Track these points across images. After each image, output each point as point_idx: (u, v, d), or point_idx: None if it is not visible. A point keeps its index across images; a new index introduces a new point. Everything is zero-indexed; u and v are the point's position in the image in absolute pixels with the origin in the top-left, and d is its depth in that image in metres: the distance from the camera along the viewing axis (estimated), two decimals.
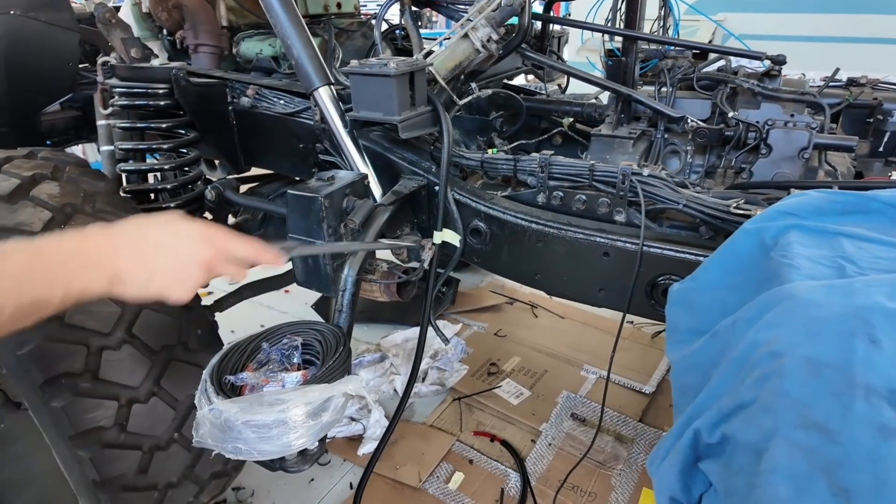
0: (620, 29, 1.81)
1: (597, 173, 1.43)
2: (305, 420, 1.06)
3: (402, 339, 2.75)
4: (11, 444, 1.01)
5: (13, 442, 1.01)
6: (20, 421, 1.05)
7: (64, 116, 2.39)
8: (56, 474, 1.11)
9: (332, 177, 1.42)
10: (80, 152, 3.71)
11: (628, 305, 1.39)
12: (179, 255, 0.80)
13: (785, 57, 1.63)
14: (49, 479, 1.08)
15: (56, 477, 1.11)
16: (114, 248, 0.75)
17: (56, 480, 1.10)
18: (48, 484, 1.08)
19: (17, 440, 1.03)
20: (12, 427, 1.02)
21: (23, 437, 1.04)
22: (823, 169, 1.60)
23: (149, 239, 0.79)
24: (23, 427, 1.05)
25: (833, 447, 0.51)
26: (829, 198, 0.90)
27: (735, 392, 0.60)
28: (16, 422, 1.03)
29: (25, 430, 1.06)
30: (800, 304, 0.61)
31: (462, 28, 1.56)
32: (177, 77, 1.79)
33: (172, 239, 0.81)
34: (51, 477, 1.09)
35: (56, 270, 0.68)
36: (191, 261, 0.81)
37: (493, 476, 2.07)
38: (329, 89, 1.55)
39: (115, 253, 0.74)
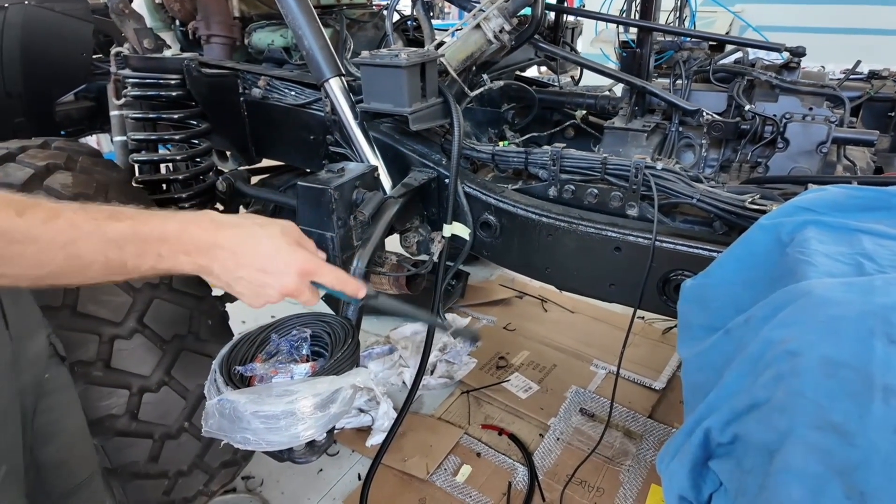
0: (635, 20, 1.78)
1: (609, 167, 1.41)
2: (314, 411, 1.06)
3: (411, 332, 2.76)
4: (49, 395, 1.07)
5: (51, 393, 1.08)
6: (61, 376, 1.12)
7: (78, 107, 2.41)
8: (80, 433, 1.17)
9: (342, 168, 1.41)
10: (94, 143, 3.74)
11: (640, 301, 1.38)
12: (270, 272, 0.83)
13: (804, 49, 1.60)
14: (74, 436, 1.15)
15: (79, 436, 1.17)
16: (213, 241, 0.78)
17: (78, 439, 1.17)
18: (72, 441, 1.14)
19: (55, 392, 1.09)
20: (54, 379, 1.09)
21: (60, 392, 1.11)
22: (842, 164, 1.56)
23: (252, 249, 0.81)
24: (62, 382, 1.12)
25: (849, 449, 0.50)
26: (848, 193, 0.88)
27: (748, 391, 0.59)
28: (58, 376, 1.10)
29: (64, 385, 1.13)
30: (817, 302, 0.60)
31: (474, 18, 1.54)
32: (189, 68, 1.79)
33: (272, 259, 0.84)
34: (76, 435, 1.16)
35: (150, 245, 0.72)
36: (278, 282, 0.84)
37: (500, 469, 2.07)
38: (340, 80, 1.55)
39: (212, 250, 0.78)
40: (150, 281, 1.41)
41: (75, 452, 1.15)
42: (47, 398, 1.07)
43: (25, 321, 1.01)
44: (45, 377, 1.06)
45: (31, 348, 1.02)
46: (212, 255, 0.77)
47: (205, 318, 1.52)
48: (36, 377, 1.04)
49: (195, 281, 1.55)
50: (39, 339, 1.07)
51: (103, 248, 0.68)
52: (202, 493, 1.60)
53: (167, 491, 1.48)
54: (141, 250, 0.71)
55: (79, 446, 1.17)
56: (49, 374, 1.08)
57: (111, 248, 0.69)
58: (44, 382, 1.06)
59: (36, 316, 1.08)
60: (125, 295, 1.36)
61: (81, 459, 1.17)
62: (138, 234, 0.71)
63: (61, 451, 1.11)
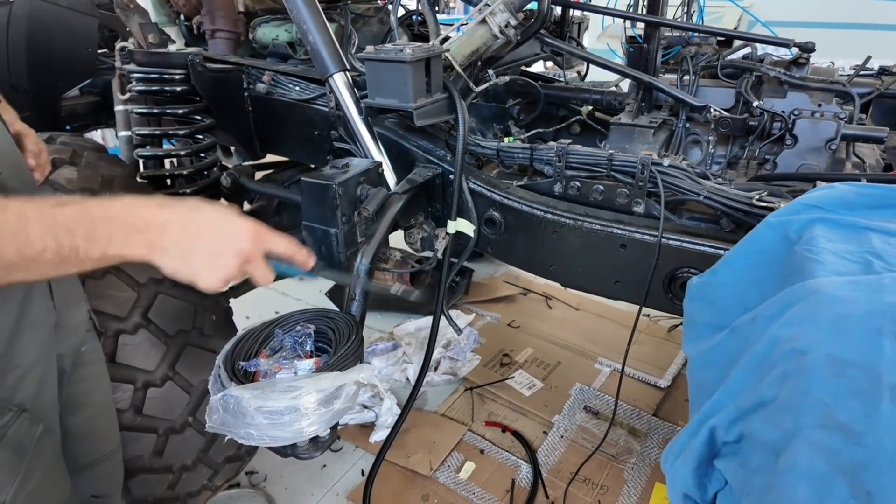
0: (642, 14, 1.76)
1: (615, 163, 1.40)
2: (317, 407, 1.06)
3: (414, 328, 2.76)
4: (83, 367, 1.10)
5: (85, 364, 1.11)
6: (96, 349, 1.15)
7: (83, 101, 2.42)
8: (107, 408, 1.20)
9: (346, 164, 1.41)
10: (99, 138, 3.75)
11: (645, 298, 1.37)
12: (223, 243, 0.82)
13: (814, 44, 1.57)
14: (101, 409, 1.18)
15: (106, 410, 1.20)
16: (163, 220, 0.77)
17: (105, 413, 1.20)
18: (98, 413, 1.17)
19: (89, 364, 1.12)
20: (90, 352, 1.12)
21: (93, 364, 1.14)
22: (851, 161, 1.54)
23: (200, 219, 0.80)
24: (96, 355, 1.16)
25: (856, 449, 0.49)
26: (857, 191, 0.87)
27: (754, 390, 0.58)
28: (93, 349, 1.14)
29: (97, 358, 1.16)
30: (825, 301, 0.59)
31: (480, 13, 1.53)
32: (193, 63, 1.79)
33: (223, 226, 0.82)
34: (103, 408, 1.19)
35: (100, 227, 0.71)
36: (233, 248, 0.83)
37: (504, 467, 2.07)
38: (344, 76, 1.54)
39: (163, 225, 0.77)
40: (154, 276, 1.42)
41: (100, 425, 1.18)
42: (81, 369, 1.10)
43: (70, 291, 1.05)
44: (81, 349, 1.10)
45: (73, 318, 1.06)
46: (163, 230, 0.76)
47: (209, 314, 1.53)
48: (74, 347, 1.07)
49: None
50: (81, 310, 1.10)
51: (54, 233, 0.67)
52: (206, 487, 1.61)
53: (172, 485, 1.49)
54: (91, 232, 0.70)
55: (104, 420, 1.20)
56: (86, 346, 1.11)
57: (62, 232, 0.68)
58: (80, 353, 1.09)
59: (78, 288, 1.11)
60: (130, 290, 1.37)
61: (106, 433, 1.20)
62: (87, 215, 0.71)
63: (88, 423, 1.14)
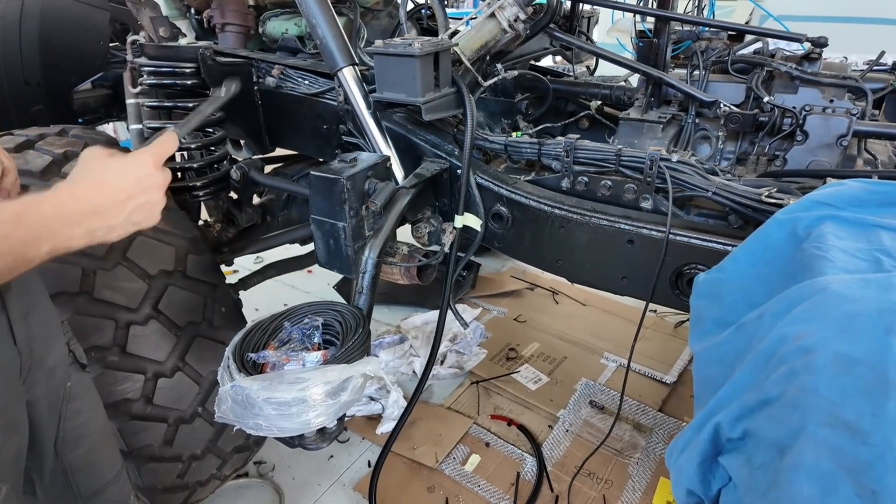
0: (652, 9, 1.75)
1: (624, 158, 1.40)
2: (325, 399, 1.07)
3: (421, 322, 2.77)
4: (74, 401, 1.10)
5: (75, 399, 1.11)
6: (83, 381, 1.16)
7: (95, 94, 2.44)
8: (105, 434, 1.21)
9: (354, 159, 1.41)
10: (111, 131, 3.78)
11: (652, 294, 1.37)
12: (143, 184, 0.89)
13: (826, 39, 1.56)
14: (99, 438, 1.19)
15: (104, 437, 1.21)
16: (90, 203, 0.82)
17: (104, 440, 1.20)
18: (98, 443, 1.18)
19: (78, 398, 1.12)
20: (76, 385, 1.12)
21: (83, 396, 1.14)
22: (862, 157, 1.53)
23: (113, 183, 0.86)
24: (84, 386, 1.16)
25: (862, 448, 0.49)
26: (868, 188, 0.86)
27: (760, 387, 0.59)
28: (79, 381, 1.14)
29: (85, 389, 1.16)
30: (832, 298, 0.59)
31: (489, 7, 1.53)
32: (203, 56, 1.80)
33: (128, 165, 0.89)
34: (101, 436, 1.20)
35: (40, 229, 0.75)
36: (152, 179, 0.91)
37: (509, 460, 2.08)
38: (353, 70, 1.54)
39: (93, 207, 0.82)
40: (164, 268, 1.43)
41: (102, 453, 1.18)
42: (72, 404, 1.08)
43: (43, 331, 1.01)
44: (66, 385, 1.07)
45: (48, 359, 1.02)
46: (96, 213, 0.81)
47: (218, 306, 1.54)
48: (54, 387, 1.04)
49: (210, 268, 1.57)
50: (57, 348, 1.07)
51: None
52: (215, 476, 1.63)
53: (181, 474, 1.51)
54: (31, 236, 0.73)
55: (104, 448, 1.19)
56: (71, 381, 1.09)
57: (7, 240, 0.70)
58: (67, 390, 1.07)
59: (54, 325, 1.07)
60: (140, 281, 1.38)
61: (107, 459, 1.20)
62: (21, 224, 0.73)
63: (88, 455, 1.13)
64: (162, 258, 1.44)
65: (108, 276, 1.33)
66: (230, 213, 1.99)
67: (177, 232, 1.50)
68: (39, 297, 1.03)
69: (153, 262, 1.41)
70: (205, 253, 1.57)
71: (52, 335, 1.05)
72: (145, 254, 1.40)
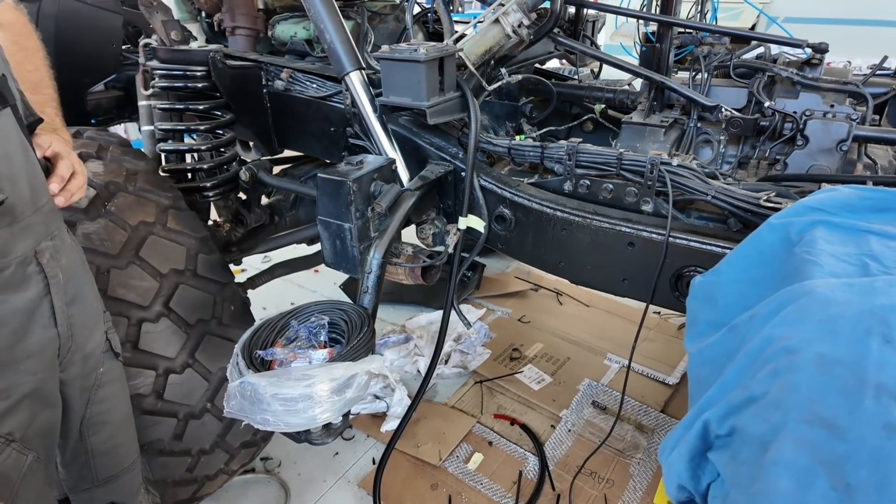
0: (655, 14, 1.77)
1: (625, 162, 1.42)
2: (330, 395, 1.11)
3: (426, 322, 2.80)
4: (103, 387, 1.15)
5: (105, 385, 1.15)
6: (115, 369, 1.20)
7: (108, 96, 2.48)
8: (127, 423, 1.26)
9: (360, 161, 1.45)
10: (121, 131, 3.84)
11: (652, 296, 1.39)
12: None
13: (827, 45, 1.57)
14: (122, 425, 1.23)
15: (126, 425, 1.25)
16: None
17: (125, 428, 1.25)
18: (119, 430, 1.22)
19: (108, 385, 1.17)
20: (108, 372, 1.17)
21: (112, 384, 1.18)
22: (862, 162, 1.55)
23: None
24: (115, 375, 1.20)
25: (838, 443, 0.51)
26: (860, 194, 0.88)
27: (746, 385, 0.61)
28: (111, 369, 1.18)
29: (116, 377, 1.21)
30: (817, 302, 0.61)
31: (493, 13, 1.56)
32: (214, 60, 1.83)
33: None
34: (123, 424, 1.24)
35: None
36: None
37: (511, 458, 2.11)
38: (360, 74, 1.57)
39: None
40: (175, 267, 1.47)
41: (121, 441, 1.23)
42: (101, 390, 1.14)
43: (85, 318, 1.07)
44: (99, 371, 1.13)
45: (86, 345, 1.08)
46: None
47: (227, 304, 1.58)
48: (91, 370, 1.10)
49: (219, 267, 1.61)
50: (97, 335, 1.13)
51: None
52: (223, 471, 1.67)
53: (190, 468, 1.55)
54: None
55: (125, 435, 1.25)
56: (104, 368, 1.14)
57: None
58: (99, 376, 1.13)
59: (97, 314, 1.14)
60: (152, 280, 1.42)
61: (127, 447, 1.25)
62: None
63: (109, 440, 1.18)
64: (173, 257, 1.47)
65: (122, 275, 1.37)
66: (239, 213, 2.03)
67: (188, 232, 1.54)
68: (85, 287, 1.08)
69: (165, 261, 1.45)
70: (214, 252, 1.61)
71: (93, 324, 1.11)
72: (157, 253, 1.44)
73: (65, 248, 1.01)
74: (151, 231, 1.46)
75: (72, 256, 1.04)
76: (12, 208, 0.87)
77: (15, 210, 0.87)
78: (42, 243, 0.94)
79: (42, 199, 0.95)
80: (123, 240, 1.40)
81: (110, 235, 1.38)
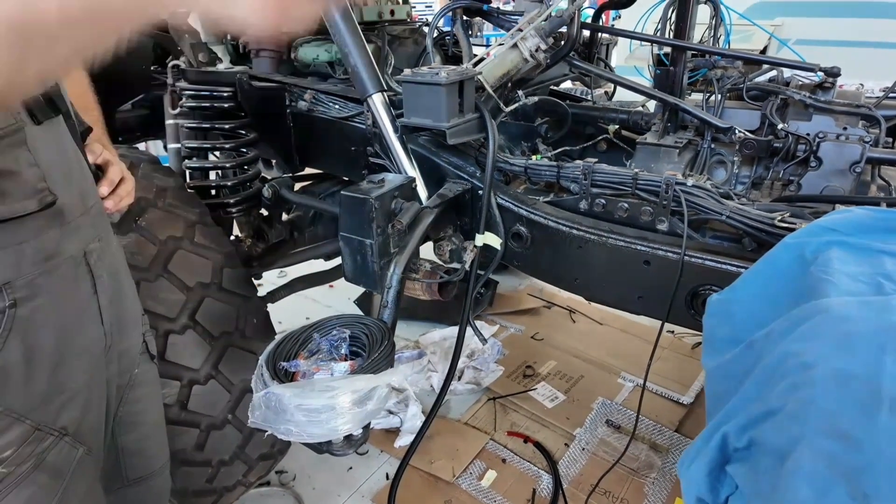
0: (669, 39, 1.81)
1: (640, 182, 1.45)
2: (352, 407, 1.13)
3: (440, 338, 2.82)
4: (137, 388, 1.17)
5: (138, 386, 1.17)
6: (149, 371, 1.22)
7: (134, 115, 2.57)
8: (158, 426, 1.27)
9: (382, 180, 1.49)
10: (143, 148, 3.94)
11: (668, 314, 1.41)
12: None
13: (839, 69, 1.60)
14: (153, 428, 1.25)
15: (157, 429, 1.27)
16: None
17: (156, 431, 1.27)
18: (150, 432, 1.24)
19: (142, 386, 1.18)
20: (143, 374, 1.18)
21: (146, 385, 1.20)
22: (876, 183, 1.56)
23: None
24: (149, 377, 1.22)
25: (856, 455, 0.53)
26: (873, 215, 0.91)
27: (765, 399, 0.63)
28: (146, 371, 1.20)
29: (150, 380, 1.23)
30: (833, 319, 0.64)
31: (512, 38, 1.61)
32: (241, 81, 1.90)
33: None
34: (155, 427, 1.26)
35: None
36: None
37: (525, 476, 2.11)
38: (382, 96, 1.63)
39: None
40: (202, 280, 1.52)
41: (152, 443, 1.25)
42: (134, 390, 1.17)
43: (125, 318, 1.11)
44: (134, 371, 1.16)
45: (125, 344, 1.11)
46: None
47: (250, 317, 1.62)
48: (126, 369, 1.13)
49: (243, 281, 1.65)
50: (135, 336, 1.16)
51: None
52: (240, 483, 1.69)
53: (210, 479, 1.57)
54: None
55: (156, 438, 1.27)
56: (139, 368, 1.17)
57: None
58: (133, 376, 1.16)
59: (136, 315, 1.17)
60: (180, 293, 1.46)
61: (156, 450, 1.28)
62: None
63: (141, 441, 1.21)
64: (200, 271, 1.52)
65: (151, 287, 1.42)
66: (261, 228, 2.08)
67: (214, 246, 1.59)
68: (126, 287, 1.13)
69: (192, 275, 1.50)
70: (239, 267, 1.65)
71: (132, 323, 1.14)
72: (185, 267, 1.49)
73: (110, 249, 1.06)
74: (180, 245, 1.51)
75: (116, 257, 1.09)
76: (62, 210, 0.90)
77: (64, 211, 0.91)
78: (90, 244, 0.98)
79: (91, 202, 1.00)
80: (153, 254, 1.45)
81: (141, 249, 1.43)
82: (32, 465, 0.88)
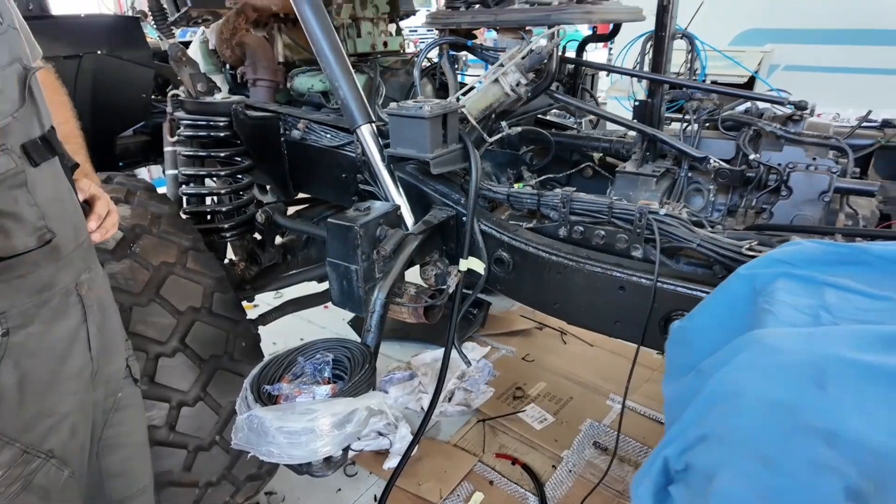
0: (647, 72, 1.89)
1: (615, 210, 1.50)
2: (331, 430, 1.17)
3: (431, 359, 2.85)
4: (120, 411, 1.20)
5: (122, 409, 1.21)
6: (133, 395, 1.26)
7: (135, 141, 2.66)
8: (142, 448, 1.31)
9: (368, 207, 1.55)
10: (144, 172, 4.03)
11: (642, 338, 1.45)
12: None
13: (807, 103, 1.67)
14: (136, 450, 1.28)
15: (140, 450, 1.30)
16: None
17: (139, 453, 1.30)
18: (133, 454, 1.27)
19: (126, 409, 1.22)
20: (126, 398, 1.22)
21: (129, 409, 1.24)
22: (844, 212, 1.61)
23: None
24: (133, 401, 1.26)
25: (773, 477, 0.57)
26: (823, 248, 0.95)
27: (700, 424, 0.67)
28: (130, 395, 1.24)
29: (134, 403, 1.26)
30: (764, 349, 0.68)
31: (493, 73, 1.68)
32: (236, 111, 1.98)
33: None
34: (138, 449, 1.29)
35: None
36: None
37: (512, 498, 2.13)
38: (370, 127, 1.70)
39: None
40: (193, 305, 1.57)
41: (135, 465, 1.29)
42: (118, 413, 1.21)
43: (110, 343, 1.15)
44: (118, 395, 1.20)
45: (109, 369, 1.16)
46: None
47: (239, 340, 1.67)
48: (109, 395, 1.17)
49: (233, 306, 1.70)
50: (118, 360, 1.21)
51: None
52: None
53: (197, 500, 1.60)
54: None
55: (139, 459, 1.31)
56: (122, 392, 1.22)
57: None
58: (117, 399, 1.20)
59: (120, 340, 1.22)
60: (170, 317, 1.51)
61: (139, 472, 1.31)
62: None
63: (123, 462, 1.25)
64: (191, 296, 1.57)
65: (143, 312, 1.47)
66: (254, 252, 2.14)
67: (205, 272, 1.64)
68: (111, 313, 1.18)
69: (183, 300, 1.55)
70: (229, 291, 1.70)
71: (116, 349, 1.19)
72: (176, 291, 1.54)
73: (97, 279, 1.12)
74: (172, 271, 1.57)
75: (102, 286, 1.14)
76: (58, 246, 0.97)
77: (60, 247, 0.97)
78: (81, 276, 1.04)
79: (82, 237, 1.06)
80: (146, 279, 1.51)
81: (134, 275, 1.49)
82: (20, 486, 0.92)
